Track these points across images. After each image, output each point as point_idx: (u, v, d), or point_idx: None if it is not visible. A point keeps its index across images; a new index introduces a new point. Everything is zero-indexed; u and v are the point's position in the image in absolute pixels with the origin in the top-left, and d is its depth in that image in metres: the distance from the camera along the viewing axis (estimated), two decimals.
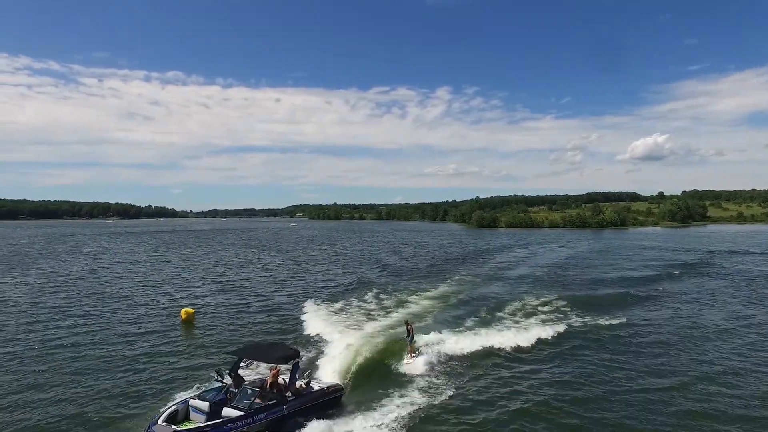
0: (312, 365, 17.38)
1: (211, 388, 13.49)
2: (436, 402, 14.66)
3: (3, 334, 22.93)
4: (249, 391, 12.95)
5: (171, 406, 12.51)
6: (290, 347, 15.06)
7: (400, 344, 19.46)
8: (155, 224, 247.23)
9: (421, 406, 14.22)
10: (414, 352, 18.65)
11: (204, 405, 12.40)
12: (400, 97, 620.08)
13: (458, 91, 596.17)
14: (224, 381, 13.58)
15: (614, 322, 24.69)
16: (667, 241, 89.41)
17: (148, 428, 11.63)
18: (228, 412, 12.19)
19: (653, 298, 31.89)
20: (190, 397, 12.92)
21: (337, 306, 28.94)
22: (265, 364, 15.34)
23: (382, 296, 32.25)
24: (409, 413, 13.70)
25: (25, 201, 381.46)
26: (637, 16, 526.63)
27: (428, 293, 33.27)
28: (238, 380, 13.65)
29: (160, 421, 11.73)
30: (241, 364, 14.52)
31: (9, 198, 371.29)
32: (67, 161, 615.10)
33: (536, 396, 15.34)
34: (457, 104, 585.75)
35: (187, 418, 12.30)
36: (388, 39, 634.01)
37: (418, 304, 29.88)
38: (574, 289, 35.26)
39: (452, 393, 15.37)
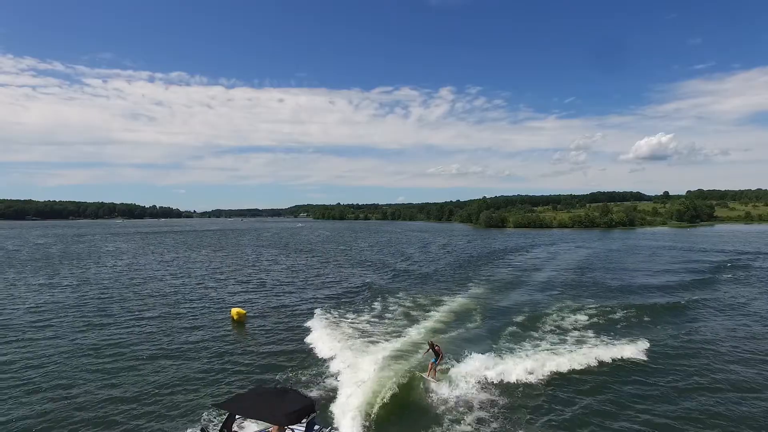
0: (327, 413, 13.97)
1: None
2: None
3: (56, 335, 23.58)
4: None
5: None
6: (303, 396, 11.24)
7: (440, 368, 17.24)
8: (165, 224, 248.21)
9: None
10: (436, 375, 16.49)
11: None
12: (404, 97, 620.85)
13: (461, 91, 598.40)
14: None
15: (673, 334, 22.44)
16: (683, 240, 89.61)
17: None
18: None
19: (704, 307, 28.98)
20: None
21: (360, 318, 26.29)
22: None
23: (406, 305, 29.99)
24: None
25: (31, 201, 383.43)
26: (642, 15, 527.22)
27: (453, 303, 30.79)
28: None
29: None
30: (236, 419, 11.11)
31: (15, 198, 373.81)
32: (72, 162, 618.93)
33: None
34: (460, 104, 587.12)
35: None
36: (392, 39, 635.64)
37: (445, 316, 27.08)
38: (612, 296, 32.98)
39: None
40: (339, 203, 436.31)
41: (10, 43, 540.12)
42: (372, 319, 26.24)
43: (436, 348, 17.11)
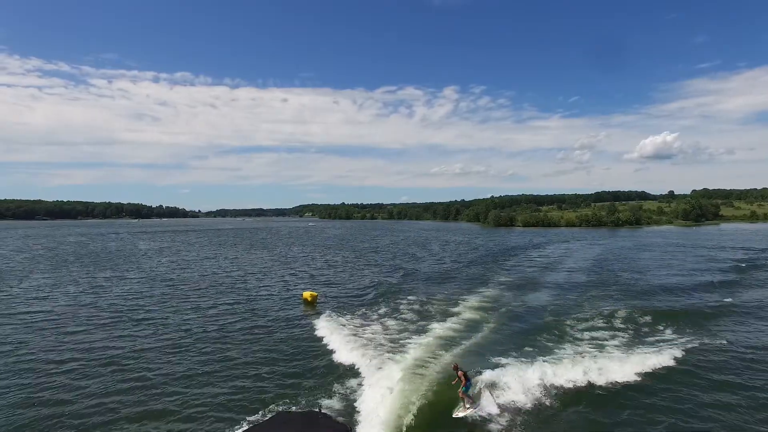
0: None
1: None
2: None
3: (141, 326, 26.75)
4: None
5: None
6: (336, 422, 10.55)
7: (453, 388, 15.49)
8: (180, 224, 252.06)
9: None
10: (470, 402, 14.97)
11: None
12: (407, 96, 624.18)
13: (465, 91, 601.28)
14: None
15: (716, 343, 21.27)
16: (692, 239, 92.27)
17: None
18: None
19: (735, 311, 27.97)
20: None
21: (395, 315, 26.48)
22: None
23: (435, 302, 30.18)
24: None
25: (40, 201, 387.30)
26: (646, 14, 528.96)
27: (483, 301, 30.58)
28: None
29: None
30: None
31: (25, 199, 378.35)
32: (77, 162, 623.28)
33: None
34: (464, 104, 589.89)
35: None
36: (396, 39, 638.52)
37: (473, 317, 26.77)
38: (635, 296, 32.31)
39: None
40: (343, 203, 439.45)
41: (16, 45, 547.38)
42: (407, 316, 26.93)
43: (459, 373, 15.16)
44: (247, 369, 18.52)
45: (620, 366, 17.66)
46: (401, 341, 21.36)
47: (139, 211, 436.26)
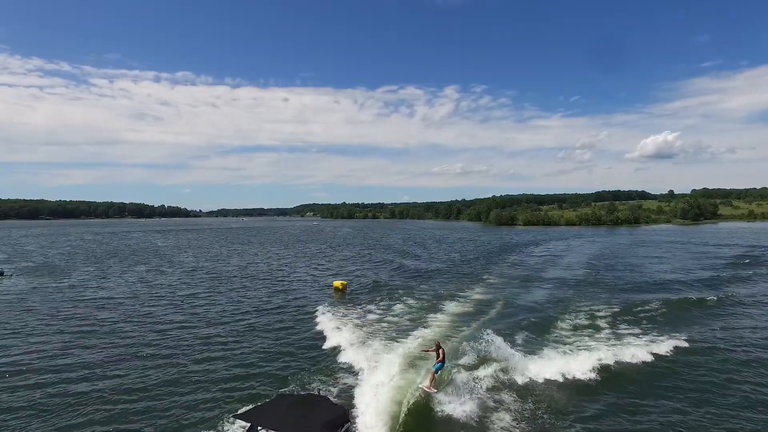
0: (352, 421, 12.86)
1: None
2: None
3: (193, 315, 30.25)
4: None
5: None
6: (333, 403, 10.93)
7: (449, 375, 16.24)
8: (187, 223, 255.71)
9: None
10: (435, 383, 15.19)
11: None
12: (408, 96, 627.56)
13: (466, 90, 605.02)
14: None
15: (698, 337, 21.50)
16: (689, 236, 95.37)
17: None
18: None
19: (728, 303, 28.82)
20: None
21: (409, 303, 28.08)
22: None
23: (440, 294, 32.08)
24: None
25: (43, 201, 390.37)
26: (648, 14, 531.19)
27: (481, 298, 31.72)
28: None
29: None
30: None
31: (29, 198, 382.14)
32: (78, 162, 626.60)
33: None
34: (465, 103, 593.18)
35: None
36: (396, 38, 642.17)
37: (472, 309, 28.18)
38: (629, 290, 33.80)
39: None
40: (344, 202, 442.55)
41: (17, 45, 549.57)
42: (415, 306, 28.89)
43: (440, 351, 15.74)
44: (268, 353, 20.13)
45: (607, 357, 18.08)
46: (406, 331, 22.73)
47: (141, 211, 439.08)
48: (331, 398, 12.62)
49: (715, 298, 29.86)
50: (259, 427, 9.59)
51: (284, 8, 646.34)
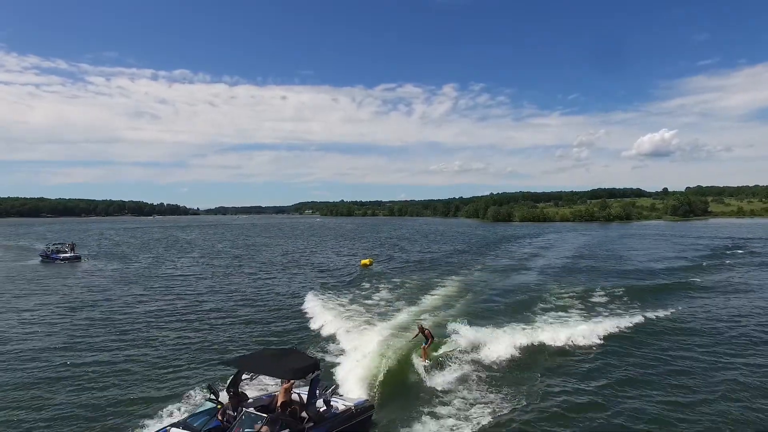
0: (330, 377, 14.68)
1: (201, 410, 10.70)
2: (478, 419, 12.35)
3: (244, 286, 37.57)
4: (252, 415, 9.98)
5: None
6: (306, 355, 12.34)
7: (430, 349, 17.20)
8: (193, 221, 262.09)
9: (470, 424, 12.05)
10: (427, 357, 16.51)
11: None
12: (407, 94, 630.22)
13: (465, 88, 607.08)
14: (219, 401, 10.74)
15: (663, 314, 22.98)
16: (676, 231, 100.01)
17: None
18: None
19: (702, 287, 31.01)
20: (172, 425, 10.31)
21: (373, 299, 28.18)
22: (275, 379, 12.80)
23: (438, 279, 34.80)
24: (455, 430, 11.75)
25: (44, 199, 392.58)
26: (646, 11, 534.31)
27: (473, 280, 34.47)
28: (238, 399, 10.88)
29: None
30: (243, 377, 11.58)
31: (29, 197, 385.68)
32: (76, 160, 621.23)
33: (591, 410, 13.09)
34: (463, 101, 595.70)
35: None
36: (395, 36, 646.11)
37: (463, 291, 30.21)
38: (611, 276, 36.15)
39: (494, 406, 13.17)
40: (343, 200, 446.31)
41: (14, 43, 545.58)
42: (411, 286, 32.29)
43: (425, 332, 17.07)
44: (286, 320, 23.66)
45: (583, 332, 19.31)
46: (393, 309, 24.96)
47: (141, 209, 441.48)
48: (306, 353, 14.16)
49: (685, 281, 32.90)
50: (243, 373, 11.38)
51: (282, 6, 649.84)
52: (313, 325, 22.30)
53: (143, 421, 12.01)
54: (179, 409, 12.50)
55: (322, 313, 23.86)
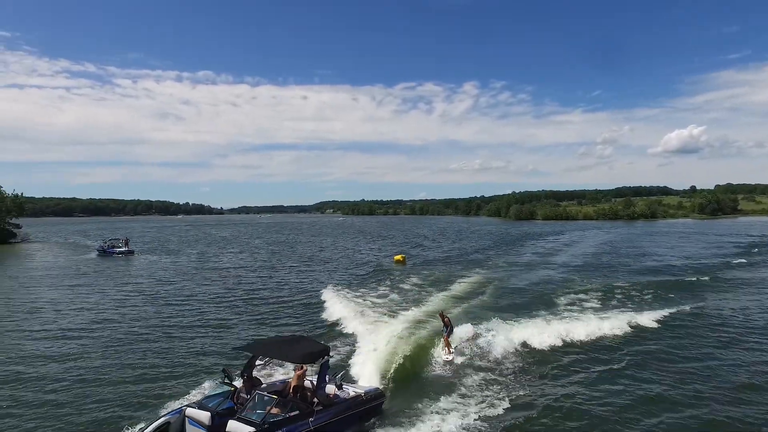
0: (344, 366, 15.32)
1: (216, 392, 11.24)
2: (493, 411, 12.35)
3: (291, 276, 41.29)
4: (265, 397, 10.32)
5: (161, 418, 10.27)
6: (317, 342, 12.74)
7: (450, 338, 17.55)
8: (222, 220, 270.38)
9: (473, 415, 12.06)
10: (451, 347, 16.93)
11: (204, 416, 10.05)
12: (427, 92, 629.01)
13: (485, 86, 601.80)
14: (233, 384, 11.20)
15: (689, 310, 22.87)
16: (704, 229, 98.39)
17: None
18: (234, 426, 9.59)
19: (722, 285, 30.41)
20: (188, 405, 10.65)
21: (393, 296, 28.40)
22: (288, 365, 13.38)
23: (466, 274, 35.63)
24: (467, 424, 11.62)
25: (76, 199, 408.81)
26: (674, 5, 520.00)
27: (496, 275, 35.20)
28: (252, 384, 11.26)
29: None
30: (257, 363, 12.11)
31: (61, 197, 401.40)
32: (102, 160, 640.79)
33: (604, 403, 12.95)
34: (484, 99, 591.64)
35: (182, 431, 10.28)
36: (415, 35, 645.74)
37: (484, 286, 30.56)
38: (638, 271, 36.16)
39: (504, 399, 13.18)
40: (363, 199, 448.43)
41: (46, 47, 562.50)
42: (435, 279, 34.36)
43: (445, 320, 17.49)
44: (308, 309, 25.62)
45: (604, 326, 19.50)
46: (418, 302, 25.71)
47: (167, 209, 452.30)
48: (318, 340, 14.36)
49: (708, 278, 32.16)
50: (257, 358, 11.97)
51: (303, 7, 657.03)
52: (339, 315, 22.99)
53: (165, 400, 12.93)
54: (201, 386, 13.61)
55: (349, 305, 24.79)
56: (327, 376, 11.37)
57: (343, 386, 11.98)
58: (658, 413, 12.36)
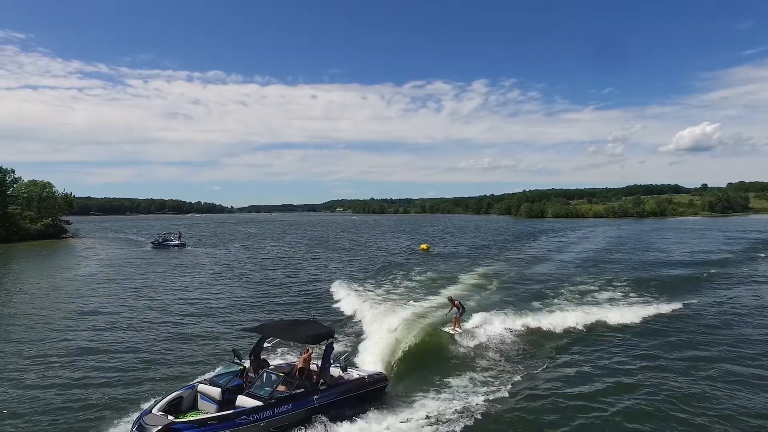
0: (350, 350, 16.08)
1: (227, 371, 11.71)
2: (493, 396, 12.56)
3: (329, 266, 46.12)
4: (272, 376, 10.78)
5: (175, 392, 10.67)
6: (322, 325, 13.19)
7: (461, 320, 18.42)
8: (233, 219, 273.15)
9: (477, 399, 12.27)
10: (460, 325, 17.90)
11: (215, 392, 10.51)
12: (436, 91, 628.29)
13: (495, 84, 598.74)
14: (242, 364, 11.71)
15: (686, 304, 23.25)
16: (715, 227, 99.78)
17: (139, 419, 9.60)
18: (243, 401, 10.11)
19: (723, 280, 30.85)
20: (200, 381, 11.10)
21: (400, 287, 29.20)
22: (294, 349, 14.20)
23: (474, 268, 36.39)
24: (464, 407, 11.78)
25: (91, 198, 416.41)
26: (685, 1, 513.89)
27: (506, 268, 36.38)
28: (260, 364, 11.77)
29: (155, 410, 9.81)
30: (265, 344, 12.76)
31: (78, 196, 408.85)
32: (114, 160, 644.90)
33: (609, 393, 13.03)
34: (493, 97, 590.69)
35: (194, 406, 10.57)
36: (424, 33, 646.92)
37: (493, 278, 31.36)
38: (639, 269, 35.96)
39: (509, 383, 13.43)
40: (372, 198, 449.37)
41: (59, 48, 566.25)
42: (452, 268, 36.97)
43: (455, 303, 18.32)
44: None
45: (612, 317, 20.25)
46: (433, 289, 27.05)
47: (180, 207, 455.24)
48: (321, 323, 14.55)
49: (714, 272, 33.25)
50: (265, 339, 12.58)
51: (312, 6, 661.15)
52: (357, 302, 23.98)
53: (180, 375, 14.16)
54: (212, 364, 14.62)
55: (366, 293, 26.51)
56: (332, 358, 11.96)
57: (348, 369, 12.54)
58: (667, 405, 12.29)
